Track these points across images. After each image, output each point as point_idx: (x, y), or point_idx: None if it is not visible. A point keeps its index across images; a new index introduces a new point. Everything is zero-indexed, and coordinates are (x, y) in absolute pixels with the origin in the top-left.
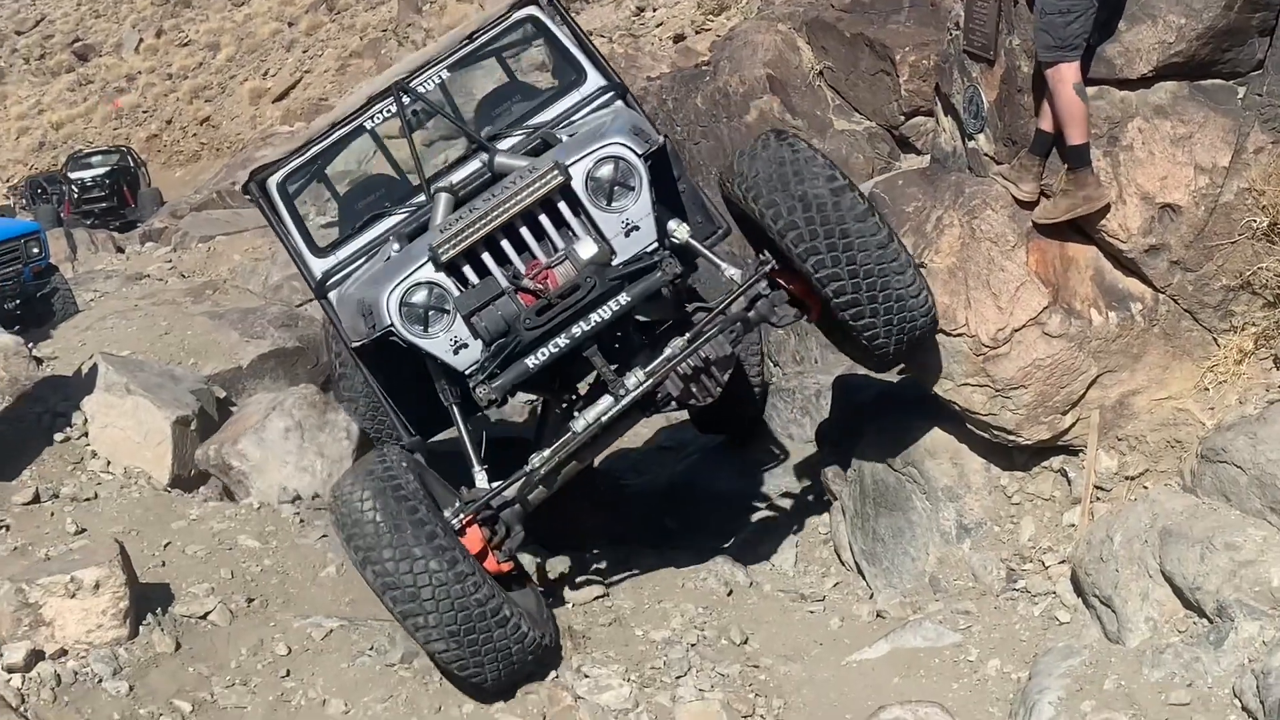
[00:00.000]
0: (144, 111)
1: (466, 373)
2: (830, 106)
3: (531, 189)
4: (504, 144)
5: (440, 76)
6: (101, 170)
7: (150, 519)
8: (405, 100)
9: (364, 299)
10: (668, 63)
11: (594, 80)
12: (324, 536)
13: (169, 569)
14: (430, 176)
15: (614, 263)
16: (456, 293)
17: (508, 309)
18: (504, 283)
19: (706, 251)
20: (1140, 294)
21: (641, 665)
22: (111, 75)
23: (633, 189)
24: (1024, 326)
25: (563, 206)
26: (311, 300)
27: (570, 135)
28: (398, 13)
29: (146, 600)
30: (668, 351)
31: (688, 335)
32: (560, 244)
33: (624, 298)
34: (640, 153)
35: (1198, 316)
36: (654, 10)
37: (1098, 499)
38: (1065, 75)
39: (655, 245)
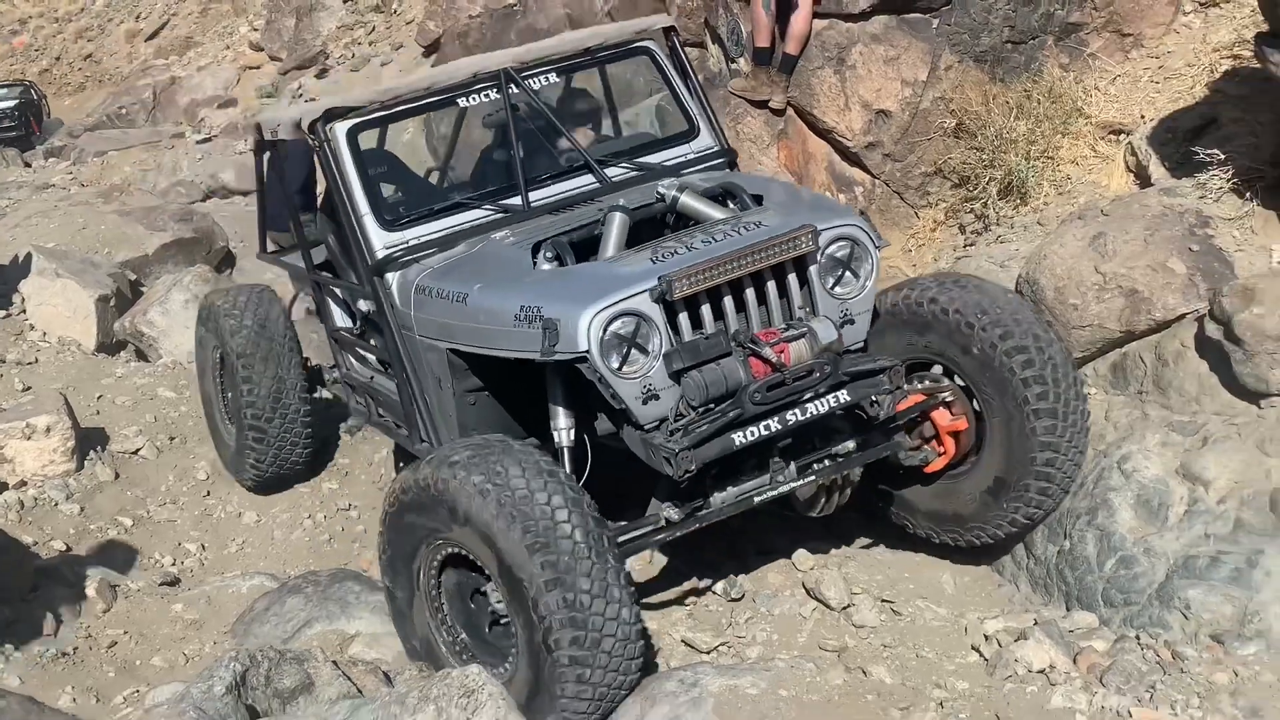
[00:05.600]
0: (36, 50)
1: (647, 428)
2: None
3: (781, 247)
4: (617, 174)
5: (549, 79)
6: (9, 104)
7: (84, 377)
8: (512, 90)
9: (536, 309)
10: (481, 4)
11: (705, 138)
12: None
13: (103, 416)
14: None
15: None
16: (667, 335)
17: (733, 374)
18: (736, 343)
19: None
20: (861, 180)
21: None
22: (5, 20)
23: (858, 278)
24: None
25: (791, 278)
26: (205, 200)
27: (755, 194)
28: None
29: (88, 440)
30: (838, 450)
31: (850, 448)
32: (779, 315)
33: (844, 396)
34: (876, 243)
35: (904, 196)
36: None
37: None
38: None
39: (863, 344)
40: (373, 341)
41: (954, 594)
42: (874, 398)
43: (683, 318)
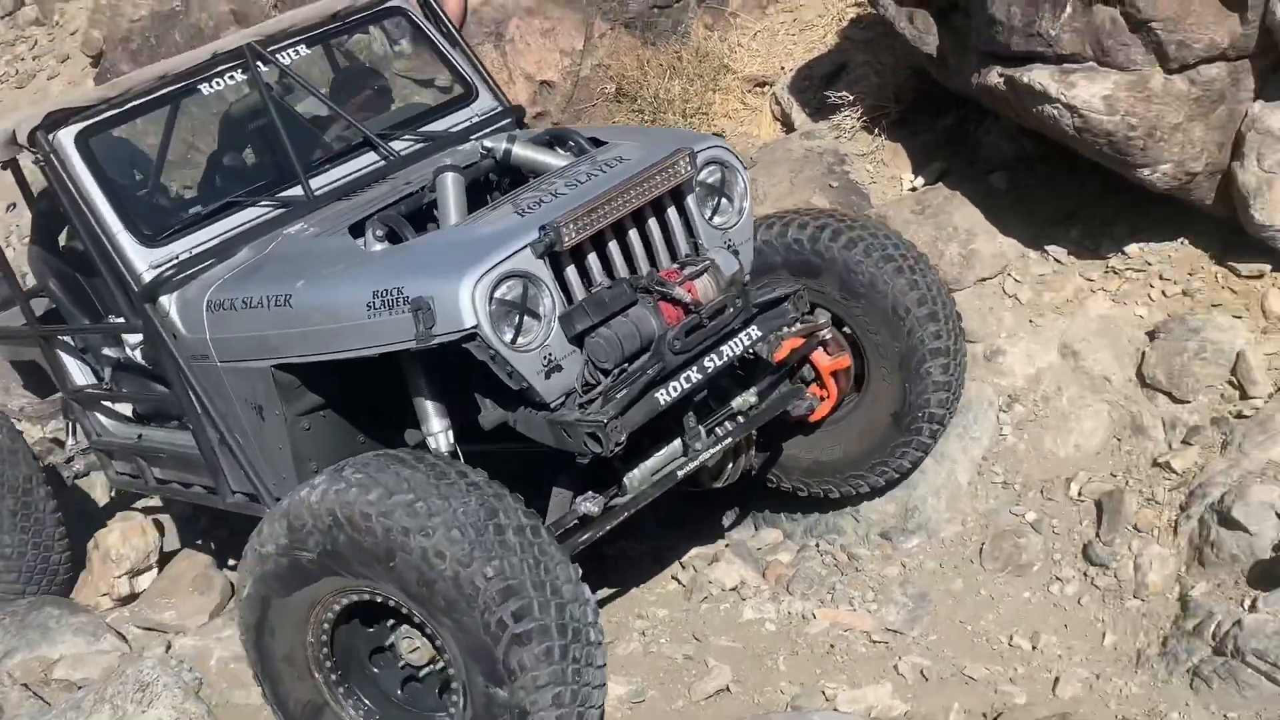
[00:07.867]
0: None
1: (553, 404)
2: None
3: (663, 176)
4: (400, 144)
5: (299, 52)
6: None
7: None
8: (262, 68)
9: (396, 290)
10: (146, 7)
11: (486, 100)
12: None
13: None
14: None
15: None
16: (557, 293)
17: (645, 324)
18: (640, 289)
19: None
20: None
21: None
22: None
23: (733, 203)
24: None
25: (671, 213)
26: None
27: (590, 138)
28: None
29: None
30: (738, 404)
31: (754, 402)
32: (665, 256)
33: (755, 331)
34: (743, 164)
35: None
36: None
37: None
38: None
39: (747, 275)
40: (126, 391)
41: (657, 529)
42: (769, 336)
43: (570, 272)
